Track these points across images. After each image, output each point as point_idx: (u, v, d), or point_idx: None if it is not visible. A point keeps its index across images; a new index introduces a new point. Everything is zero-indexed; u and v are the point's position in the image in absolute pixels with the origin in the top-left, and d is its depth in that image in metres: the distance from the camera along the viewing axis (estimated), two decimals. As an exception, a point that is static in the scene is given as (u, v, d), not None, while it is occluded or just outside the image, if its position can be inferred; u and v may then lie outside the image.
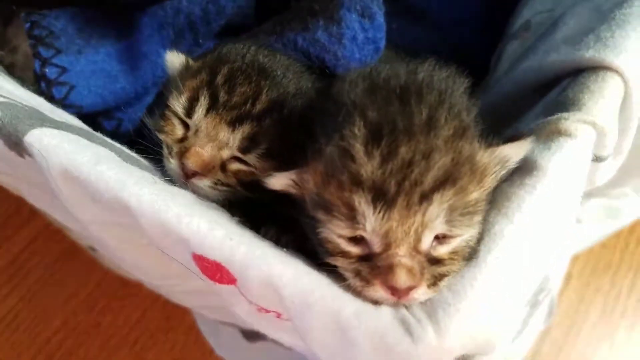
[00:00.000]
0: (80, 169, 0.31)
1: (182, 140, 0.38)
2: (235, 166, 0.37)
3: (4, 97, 0.34)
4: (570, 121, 0.30)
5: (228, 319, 0.54)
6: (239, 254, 0.28)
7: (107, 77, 0.50)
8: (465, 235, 0.29)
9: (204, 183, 0.36)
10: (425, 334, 0.26)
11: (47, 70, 0.50)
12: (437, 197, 0.28)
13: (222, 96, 0.36)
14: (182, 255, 0.31)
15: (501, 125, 0.37)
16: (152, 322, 0.67)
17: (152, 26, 0.50)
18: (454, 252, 0.29)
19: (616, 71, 0.31)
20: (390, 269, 0.28)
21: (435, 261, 0.29)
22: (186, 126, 0.39)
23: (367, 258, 0.29)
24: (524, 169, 0.30)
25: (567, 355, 0.62)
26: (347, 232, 0.29)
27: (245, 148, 0.36)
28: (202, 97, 0.37)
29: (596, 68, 0.32)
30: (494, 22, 0.55)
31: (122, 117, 0.52)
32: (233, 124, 0.36)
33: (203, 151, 0.36)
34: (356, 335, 0.27)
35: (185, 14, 0.48)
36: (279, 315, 0.32)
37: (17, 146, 0.33)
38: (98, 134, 0.36)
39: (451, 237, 0.29)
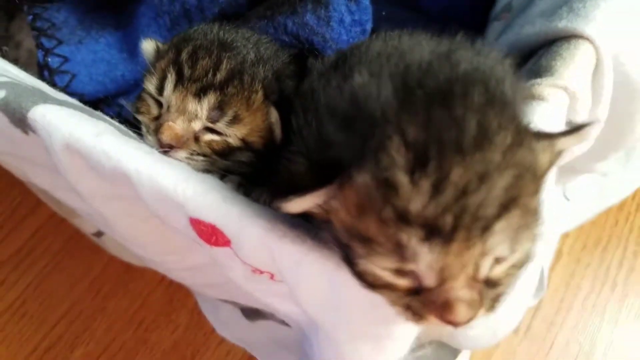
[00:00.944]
0: (82, 142, 0.32)
1: (157, 118, 0.41)
2: (207, 137, 0.39)
3: (9, 77, 0.36)
4: (543, 86, 0.31)
5: (227, 296, 0.56)
6: (232, 215, 0.30)
7: (107, 65, 0.52)
8: (524, 248, 0.25)
9: (181, 155, 0.38)
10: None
11: (49, 59, 0.52)
12: (500, 225, 0.24)
13: (187, 71, 0.39)
14: (179, 222, 0.33)
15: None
16: (155, 305, 0.69)
17: (149, 15, 0.51)
18: (512, 268, 0.26)
19: (587, 39, 0.33)
20: (447, 304, 0.25)
21: (493, 283, 0.26)
22: (160, 105, 0.41)
23: (418, 291, 0.26)
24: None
25: (559, 330, 0.64)
26: (392, 265, 0.25)
27: (213, 117, 0.39)
28: (169, 74, 0.39)
29: (569, 37, 0.34)
30: (479, 7, 0.56)
31: (122, 104, 0.54)
32: (198, 95, 0.38)
33: (175, 125, 0.38)
34: (343, 291, 0.29)
35: (180, 2, 0.50)
36: (272, 277, 0.34)
37: (21, 122, 0.35)
38: (98, 112, 0.38)
39: (510, 255, 0.25)
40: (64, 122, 0.33)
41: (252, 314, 0.61)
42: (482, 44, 0.27)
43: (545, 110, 0.31)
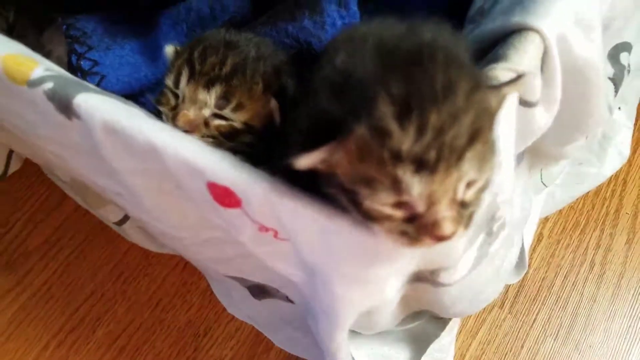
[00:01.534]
0: (119, 122, 0.39)
1: (174, 108, 0.48)
2: (216, 122, 0.47)
3: (54, 71, 0.44)
4: (498, 69, 0.38)
5: (236, 272, 0.62)
6: (242, 178, 0.37)
7: (132, 67, 0.60)
8: (487, 175, 0.32)
9: (194, 137, 0.44)
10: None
11: (82, 62, 0.59)
12: (470, 154, 0.30)
13: (197, 67, 0.46)
14: (198, 187, 0.39)
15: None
16: (171, 288, 0.75)
17: (168, 24, 0.59)
18: (479, 191, 0.32)
19: (536, 30, 0.39)
20: (436, 223, 0.30)
21: (466, 204, 0.32)
22: (176, 97, 0.48)
23: (411, 219, 0.31)
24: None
25: (541, 306, 0.69)
26: (391, 200, 0.31)
27: (220, 105, 0.47)
28: (184, 71, 0.47)
29: (521, 30, 0.40)
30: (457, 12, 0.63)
31: (145, 101, 0.61)
32: (207, 86, 0.46)
33: (189, 112, 0.46)
34: (333, 237, 0.35)
35: (195, 11, 0.57)
36: (275, 234, 0.40)
37: (67, 109, 0.42)
38: (129, 101, 0.45)
39: (476, 180, 0.32)
40: (103, 106, 0.40)
41: (259, 292, 0.68)
42: (441, 23, 0.34)
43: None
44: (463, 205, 0.32)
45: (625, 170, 0.78)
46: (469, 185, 0.31)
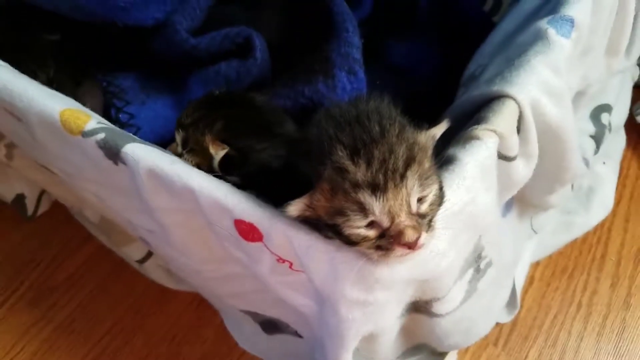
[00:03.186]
0: (162, 168, 0.47)
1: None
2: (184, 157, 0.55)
3: (105, 124, 0.51)
4: (479, 130, 0.45)
5: (250, 307, 0.68)
6: (265, 216, 0.43)
7: (164, 120, 0.67)
8: (432, 191, 0.41)
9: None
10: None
11: (120, 115, 0.67)
12: (409, 174, 0.39)
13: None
14: (226, 224, 0.46)
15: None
16: (187, 322, 0.80)
17: (198, 83, 0.67)
18: (431, 205, 0.41)
19: (512, 98, 0.47)
20: (400, 232, 0.39)
21: (423, 216, 0.40)
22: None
23: (382, 236, 0.40)
24: (452, 161, 0.45)
25: (532, 344, 0.74)
26: (363, 222, 0.39)
27: (182, 146, 0.56)
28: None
29: (500, 97, 0.48)
30: (451, 76, 0.72)
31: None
32: (178, 130, 0.57)
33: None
34: (340, 266, 0.42)
35: (223, 75, 0.65)
36: (291, 265, 0.47)
37: (115, 156, 0.49)
38: (166, 150, 0.53)
39: (425, 196, 0.41)
40: (148, 154, 0.47)
41: (270, 327, 0.73)
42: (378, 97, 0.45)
43: (481, 147, 0.45)
44: (421, 216, 0.40)
45: (610, 219, 0.84)
46: (420, 200, 0.40)
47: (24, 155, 0.71)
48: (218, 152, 0.52)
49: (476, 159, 0.44)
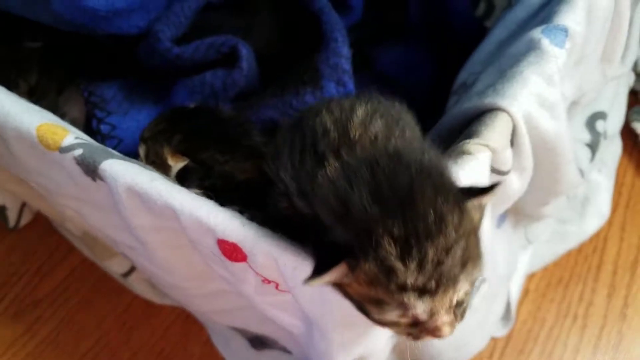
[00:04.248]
0: (141, 185, 0.45)
1: None
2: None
3: (83, 139, 0.49)
4: (471, 144, 0.44)
5: (237, 323, 0.66)
6: (248, 236, 0.41)
7: (147, 131, 0.65)
8: (475, 279, 0.37)
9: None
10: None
11: (101, 127, 0.65)
12: (462, 276, 0.35)
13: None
14: (209, 243, 0.44)
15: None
16: (173, 337, 0.78)
17: (183, 93, 0.65)
18: (467, 293, 0.37)
19: (505, 110, 0.46)
20: (437, 328, 0.36)
21: (460, 303, 0.37)
22: None
23: (415, 324, 0.36)
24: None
25: (527, 357, 0.72)
26: (398, 316, 0.35)
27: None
28: None
29: (492, 110, 0.46)
30: (443, 83, 0.71)
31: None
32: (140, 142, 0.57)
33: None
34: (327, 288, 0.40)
35: (209, 85, 0.63)
36: (277, 286, 0.45)
37: (93, 173, 0.47)
38: (147, 166, 0.50)
39: (469, 287, 0.36)
40: (127, 171, 0.45)
41: (258, 344, 0.71)
42: (419, 138, 0.39)
43: (473, 162, 0.43)
44: (457, 305, 0.37)
45: (606, 228, 0.83)
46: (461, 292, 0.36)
47: (2, 168, 0.69)
48: (177, 164, 0.51)
49: (468, 175, 0.43)
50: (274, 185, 0.46)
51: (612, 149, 0.85)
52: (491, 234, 0.54)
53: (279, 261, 0.41)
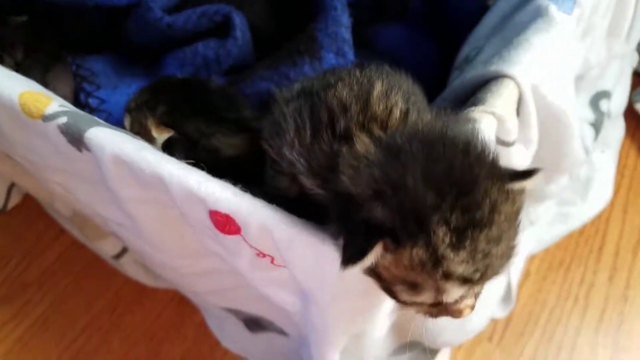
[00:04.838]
0: (128, 154, 0.42)
1: None
2: None
3: (68, 107, 0.47)
4: (476, 112, 0.42)
5: (231, 304, 0.64)
6: (242, 206, 0.39)
7: (137, 105, 0.63)
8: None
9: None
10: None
11: (90, 100, 0.62)
12: (505, 268, 0.33)
13: None
14: (200, 215, 0.42)
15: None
16: (167, 321, 0.76)
17: (175, 65, 0.62)
18: None
19: (511, 77, 0.44)
20: (459, 311, 0.35)
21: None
22: None
23: (437, 304, 0.35)
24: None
25: (528, 339, 0.71)
26: (430, 300, 0.34)
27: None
28: None
29: (498, 77, 0.44)
30: (444, 62, 0.68)
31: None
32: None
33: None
34: (325, 260, 0.38)
35: (201, 55, 0.61)
36: (272, 260, 0.43)
37: (78, 142, 0.45)
38: (136, 136, 0.48)
39: None
40: (114, 139, 0.43)
41: (254, 325, 0.69)
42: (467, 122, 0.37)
43: (478, 129, 0.41)
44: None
45: (608, 210, 0.81)
46: None
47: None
48: (161, 135, 0.48)
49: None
50: (272, 163, 0.44)
51: (615, 130, 0.83)
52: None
53: (274, 233, 0.39)
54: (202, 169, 0.43)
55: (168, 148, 0.50)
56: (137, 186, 0.45)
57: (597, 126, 0.72)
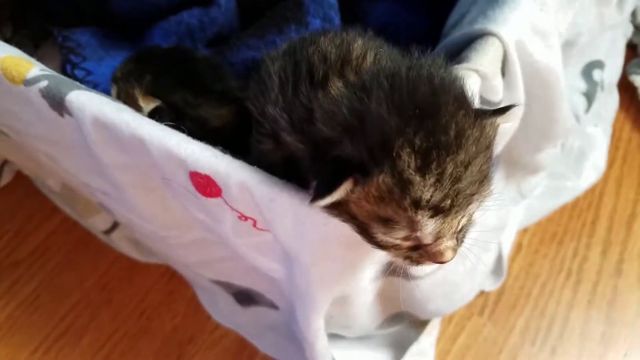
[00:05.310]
0: (108, 116, 0.42)
1: None
2: None
3: (49, 72, 0.46)
4: (460, 69, 0.41)
5: (220, 276, 0.64)
6: (222, 166, 0.39)
7: (123, 76, 0.62)
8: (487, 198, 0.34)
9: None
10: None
11: (76, 72, 0.62)
12: (476, 196, 0.33)
13: None
14: (181, 178, 0.42)
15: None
16: (157, 297, 0.76)
17: (159, 35, 0.62)
18: (470, 218, 0.35)
19: (495, 35, 0.43)
20: (440, 253, 0.34)
21: (461, 230, 0.35)
22: None
23: (416, 247, 0.34)
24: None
25: (519, 313, 0.71)
26: (404, 235, 0.33)
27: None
28: None
29: (482, 35, 0.44)
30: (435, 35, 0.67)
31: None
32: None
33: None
34: (306, 220, 0.37)
35: (185, 23, 0.60)
36: (255, 224, 0.42)
37: (59, 106, 0.44)
38: (116, 99, 0.48)
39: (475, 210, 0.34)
40: (94, 102, 0.43)
41: (245, 299, 0.69)
42: (430, 55, 0.36)
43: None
44: (460, 230, 0.35)
45: (602, 183, 0.81)
46: (465, 216, 0.34)
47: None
48: (148, 105, 0.48)
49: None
50: (256, 125, 0.44)
51: (609, 102, 0.83)
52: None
53: (254, 192, 0.39)
54: (183, 131, 0.42)
55: (154, 117, 0.50)
56: (118, 150, 0.44)
57: (589, 96, 0.72)
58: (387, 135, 0.31)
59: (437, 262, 0.35)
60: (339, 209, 0.35)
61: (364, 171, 0.31)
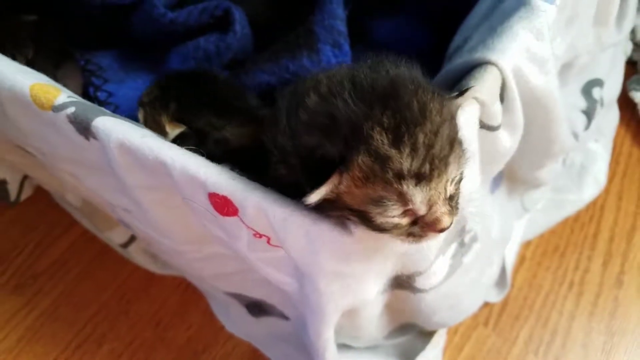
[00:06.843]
0: (132, 141, 0.45)
1: None
2: None
3: (76, 98, 0.50)
4: (460, 97, 0.44)
5: (234, 288, 0.67)
6: (238, 188, 0.42)
7: (143, 98, 0.66)
8: (462, 170, 0.38)
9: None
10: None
11: (98, 94, 0.65)
12: (452, 158, 0.36)
13: None
14: (200, 198, 0.45)
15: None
16: (172, 308, 0.79)
17: (178, 60, 0.65)
18: (456, 184, 0.39)
19: (493, 64, 0.46)
20: (437, 220, 0.36)
21: (451, 197, 0.38)
22: None
23: (415, 222, 0.37)
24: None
25: (523, 324, 0.73)
26: (399, 211, 0.36)
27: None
28: None
29: (482, 64, 0.46)
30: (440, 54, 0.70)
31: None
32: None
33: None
34: (316, 239, 0.40)
35: (202, 49, 0.63)
36: (269, 240, 0.45)
37: (86, 131, 0.48)
38: (139, 124, 0.51)
39: (457, 175, 0.38)
40: (118, 128, 0.46)
41: (257, 310, 0.71)
42: (395, 60, 0.40)
43: (462, 114, 0.43)
44: (451, 198, 0.38)
45: (603, 197, 0.83)
46: (451, 182, 0.38)
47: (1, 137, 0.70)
48: (174, 131, 0.51)
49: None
50: (270, 157, 0.47)
51: (610, 117, 0.85)
52: (484, 198, 0.54)
53: (268, 212, 0.41)
54: (202, 154, 0.45)
55: (178, 142, 0.53)
56: (142, 172, 0.47)
57: (589, 113, 0.74)
58: (356, 122, 0.35)
59: (438, 231, 0.37)
60: (335, 205, 0.38)
61: (345, 163, 0.35)
